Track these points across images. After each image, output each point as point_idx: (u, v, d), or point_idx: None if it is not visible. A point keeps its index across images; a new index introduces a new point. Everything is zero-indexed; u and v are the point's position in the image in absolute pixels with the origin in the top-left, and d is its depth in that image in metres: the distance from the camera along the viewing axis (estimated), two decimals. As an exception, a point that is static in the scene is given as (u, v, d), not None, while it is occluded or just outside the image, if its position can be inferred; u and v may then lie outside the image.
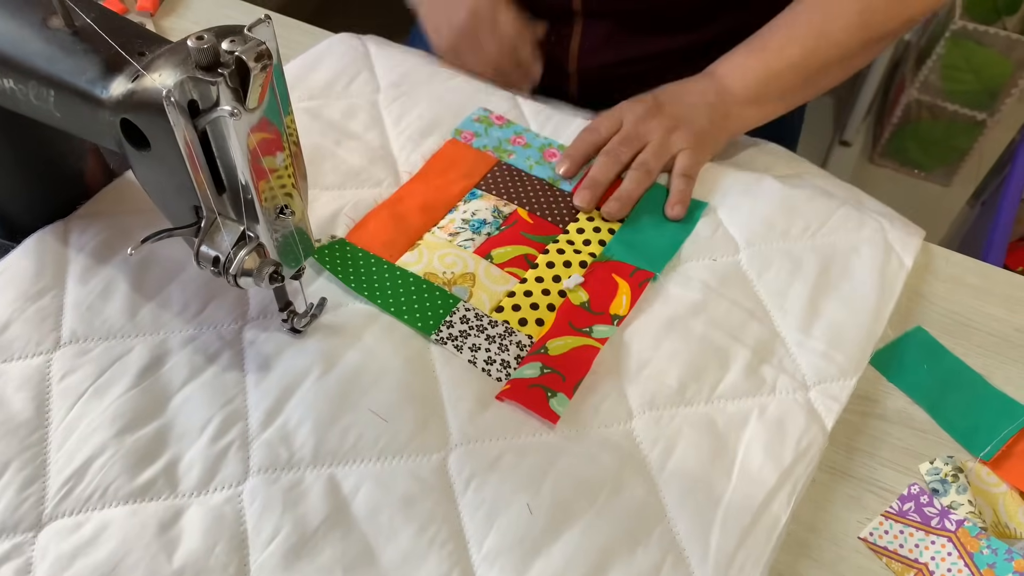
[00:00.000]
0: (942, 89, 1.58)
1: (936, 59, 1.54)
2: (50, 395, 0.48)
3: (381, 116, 0.67)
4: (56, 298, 0.53)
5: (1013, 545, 0.43)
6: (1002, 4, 1.54)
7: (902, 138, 1.69)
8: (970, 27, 1.48)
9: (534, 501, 0.45)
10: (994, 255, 0.77)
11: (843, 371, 0.51)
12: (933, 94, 1.59)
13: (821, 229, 0.58)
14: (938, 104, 1.60)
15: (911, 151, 1.69)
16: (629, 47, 0.76)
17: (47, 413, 0.48)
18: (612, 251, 0.58)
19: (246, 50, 0.36)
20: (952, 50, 1.52)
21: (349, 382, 0.49)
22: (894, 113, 1.65)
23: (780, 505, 0.45)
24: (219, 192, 0.41)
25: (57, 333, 0.51)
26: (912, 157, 1.71)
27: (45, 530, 0.43)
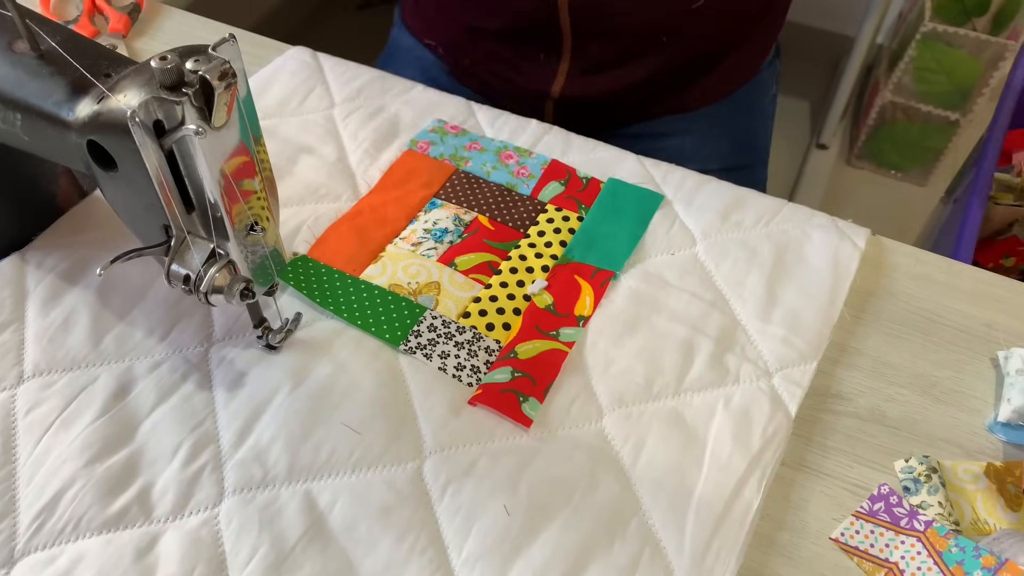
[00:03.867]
0: (915, 91, 1.61)
1: (908, 61, 1.57)
2: (16, 430, 0.48)
3: (337, 130, 0.67)
4: (17, 332, 0.52)
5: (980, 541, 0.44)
6: (971, 5, 1.59)
7: (878, 140, 1.72)
8: (940, 29, 1.52)
9: (511, 503, 0.45)
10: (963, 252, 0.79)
11: (803, 356, 0.52)
12: (907, 96, 1.62)
13: (774, 219, 0.60)
14: (912, 105, 1.63)
15: (887, 152, 1.73)
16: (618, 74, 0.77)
17: (14, 448, 0.47)
18: (573, 252, 0.59)
19: (210, 69, 0.37)
20: (923, 52, 1.56)
21: (319, 397, 0.49)
22: (869, 115, 1.69)
23: (751, 491, 0.46)
24: (188, 211, 0.41)
25: (20, 367, 0.50)
26: (888, 158, 1.74)
27: (18, 566, 0.43)
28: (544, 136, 0.67)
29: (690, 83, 0.78)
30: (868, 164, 1.77)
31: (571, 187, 0.63)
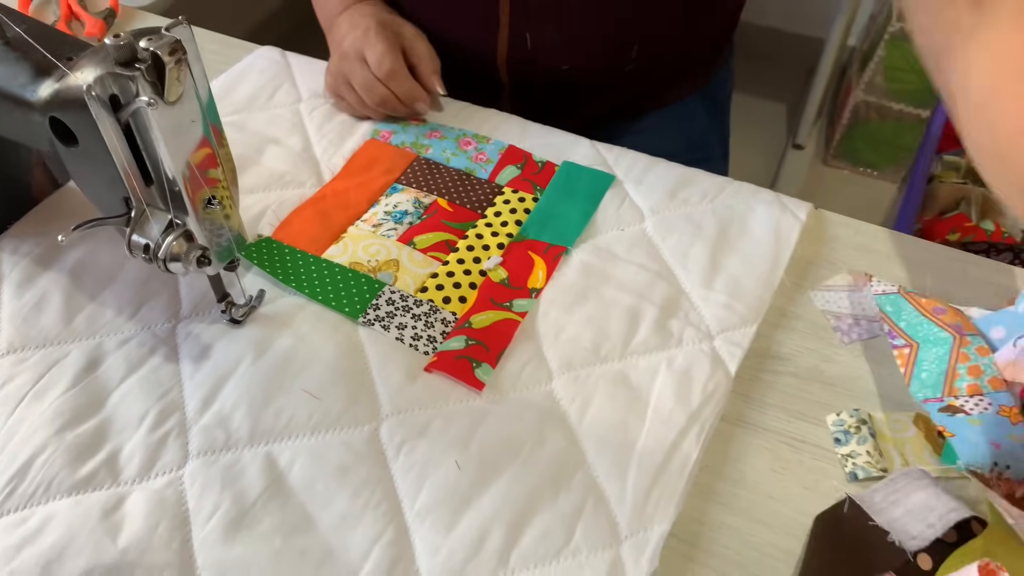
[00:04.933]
0: (886, 89, 1.65)
1: (878, 61, 1.61)
2: (-10, 403, 0.50)
3: (303, 123, 0.70)
4: (-9, 313, 0.54)
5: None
6: (940, 4, 1.63)
7: (853, 139, 1.75)
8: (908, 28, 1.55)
9: (462, 459, 0.48)
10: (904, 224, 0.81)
11: (744, 319, 0.55)
12: (879, 94, 1.66)
13: (719, 195, 0.63)
14: (884, 104, 1.66)
15: (862, 151, 1.76)
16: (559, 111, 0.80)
17: (-12, 420, 0.49)
18: (527, 231, 0.61)
19: (161, 45, 0.39)
20: (892, 51, 1.60)
21: (281, 366, 0.52)
22: (843, 115, 1.72)
23: (690, 444, 0.49)
24: (147, 184, 0.44)
25: (-6, 345, 0.53)
26: (863, 157, 1.77)
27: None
28: (502, 124, 0.70)
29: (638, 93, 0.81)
30: (844, 163, 1.80)
31: (527, 170, 0.66)
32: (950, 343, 0.50)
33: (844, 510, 0.44)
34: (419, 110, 0.70)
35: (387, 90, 0.67)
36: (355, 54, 0.68)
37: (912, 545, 0.41)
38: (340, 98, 0.70)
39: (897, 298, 0.54)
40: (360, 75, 0.67)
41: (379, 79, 0.67)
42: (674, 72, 0.81)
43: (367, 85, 0.67)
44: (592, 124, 0.83)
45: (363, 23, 0.68)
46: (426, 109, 0.70)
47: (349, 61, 0.68)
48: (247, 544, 0.44)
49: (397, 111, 0.69)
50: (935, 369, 0.49)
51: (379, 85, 0.67)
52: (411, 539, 0.45)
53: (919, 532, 0.41)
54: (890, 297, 0.54)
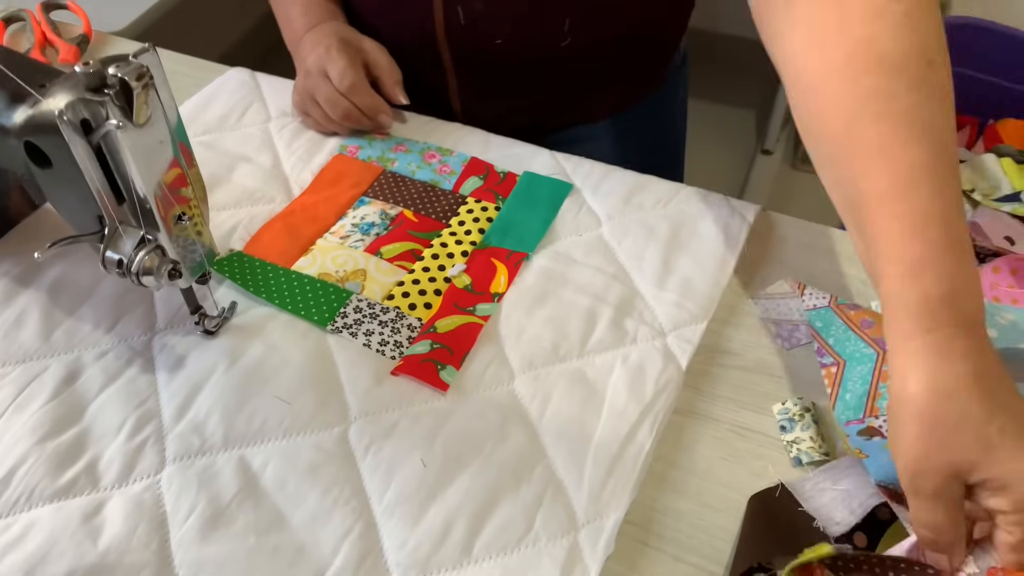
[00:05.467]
0: (851, 92, 1.69)
1: (842, 64, 1.65)
2: (-28, 418, 0.52)
3: (273, 141, 0.72)
4: (-28, 331, 0.56)
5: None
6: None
7: (820, 144, 1.79)
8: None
9: (428, 456, 0.50)
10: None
11: (694, 316, 0.57)
12: (845, 100, 1.70)
13: (672, 200, 0.66)
14: (850, 110, 1.71)
15: (829, 155, 1.80)
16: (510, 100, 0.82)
17: (-29, 434, 0.51)
18: (490, 238, 0.64)
19: (128, 71, 0.42)
20: (855, 54, 1.64)
21: (253, 374, 0.54)
22: (811, 121, 1.76)
23: (644, 435, 0.51)
24: (119, 202, 0.46)
25: (-25, 362, 0.55)
26: (830, 161, 1.81)
27: (-25, 535, 0.47)
28: (466, 137, 0.73)
29: (588, 99, 0.84)
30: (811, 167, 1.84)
31: (489, 181, 0.68)
32: (874, 360, 0.52)
33: (776, 495, 0.47)
34: (382, 122, 0.73)
35: (350, 104, 0.70)
36: (318, 71, 0.70)
37: (835, 530, 0.44)
38: (306, 115, 0.73)
39: (827, 312, 0.56)
40: (324, 91, 0.70)
41: (342, 94, 0.70)
42: (618, 62, 0.82)
43: (331, 100, 0.70)
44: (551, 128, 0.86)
45: (325, 41, 0.71)
46: (389, 121, 0.73)
47: (313, 78, 0.70)
48: (222, 543, 0.46)
49: (362, 124, 0.72)
50: (858, 389, 0.51)
51: (342, 99, 0.70)
52: (379, 534, 0.47)
53: (842, 518, 0.44)
54: (820, 312, 0.56)
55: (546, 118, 0.85)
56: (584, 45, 0.77)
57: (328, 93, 0.70)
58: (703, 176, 1.03)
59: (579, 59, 0.78)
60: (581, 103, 0.84)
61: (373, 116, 0.71)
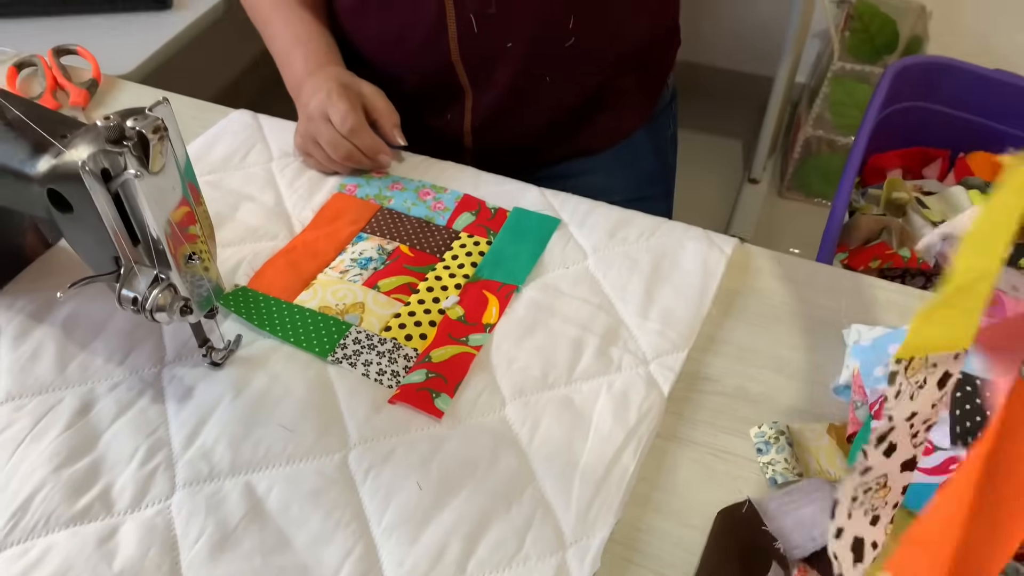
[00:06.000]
0: (833, 124, 1.75)
1: (824, 97, 1.71)
2: (-9, 448, 0.55)
3: (275, 180, 0.76)
4: (-10, 365, 0.59)
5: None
6: (880, 44, 1.74)
7: (805, 171, 1.84)
8: (848, 67, 1.66)
9: (423, 481, 0.53)
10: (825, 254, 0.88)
11: (676, 345, 0.61)
12: (826, 129, 1.75)
13: (654, 234, 0.69)
14: (832, 138, 1.76)
15: (814, 183, 1.84)
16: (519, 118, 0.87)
17: (-10, 463, 0.54)
18: (482, 271, 0.67)
19: (145, 125, 0.45)
20: (836, 88, 1.69)
21: (258, 403, 0.57)
22: (795, 149, 1.81)
23: (628, 458, 0.54)
24: (134, 243, 0.49)
25: (-6, 394, 0.58)
26: (816, 188, 1.85)
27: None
28: (458, 175, 0.77)
29: (586, 125, 0.88)
30: (798, 194, 1.89)
31: (481, 216, 0.72)
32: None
33: (743, 511, 0.50)
34: (382, 162, 0.76)
35: (351, 145, 0.74)
36: (320, 115, 0.74)
37: (795, 554, 0.47)
38: (309, 156, 0.76)
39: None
40: (326, 134, 0.74)
41: (344, 136, 0.73)
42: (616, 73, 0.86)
43: (333, 142, 0.74)
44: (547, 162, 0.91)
45: (326, 86, 0.75)
46: (388, 161, 0.77)
47: (315, 122, 0.74)
48: (230, 564, 0.49)
49: (362, 164, 0.76)
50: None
51: (344, 141, 0.74)
52: (378, 554, 0.50)
53: (802, 543, 0.47)
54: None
55: (548, 147, 0.89)
56: (586, 49, 0.81)
57: (330, 136, 0.73)
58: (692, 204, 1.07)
59: (581, 66, 0.83)
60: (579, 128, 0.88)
61: (373, 156, 0.75)
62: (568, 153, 0.91)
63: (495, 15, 0.77)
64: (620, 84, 0.88)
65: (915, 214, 0.95)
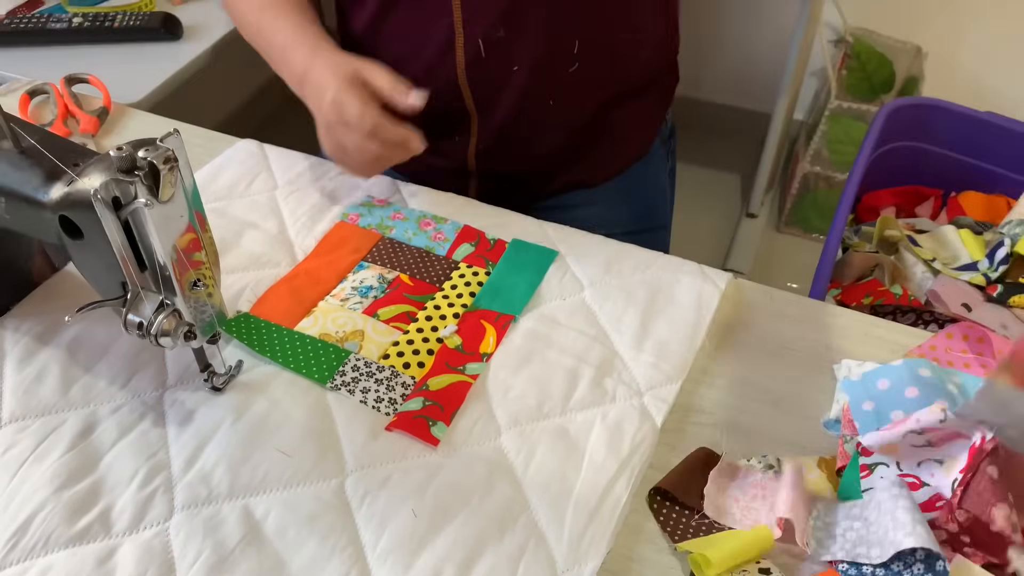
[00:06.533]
0: (830, 161, 1.77)
1: (821, 135, 1.73)
2: (-7, 468, 0.56)
3: (279, 208, 0.77)
4: (-5, 386, 0.60)
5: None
6: (877, 83, 1.77)
7: (803, 207, 1.86)
8: (845, 106, 1.70)
9: (418, 507, 0.54)
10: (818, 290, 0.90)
11: (670, 377, 0.62)
12: (824, 166, 1.78)
13: (649, 268, 0.70)
14: (829, 174, 1.78)
15: (812, 218, 1.86)
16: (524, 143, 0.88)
17: (-9, 483, 0.55)
18: (480, 302, 0.68)
19: (156, 155, 0.47)
20: (833, 126, 1.72)
21: (257, 428, 0.58)
22: (793, 184, 1.84)
23: (621, 488, 0.55)
24: (141, 269, 0.51)
25: (-2, 415, 0.59)
26: (814, 224, 1.87)
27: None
28: (459, 206, 0.78)
29: (587, 154, 0.90)
30: (796, 229, 1.91)
31: (480, 247, 0.73)
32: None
33: None
34: (415, 148, 0.72)
35: (379, 146, 0.71)
36: (337, 120, 0.71)
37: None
38: (344, 165, 0.75)
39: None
40: (351, 140, 0.72)
41: (367, 138, 0.71)
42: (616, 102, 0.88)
43: (360, 148, 0.72)
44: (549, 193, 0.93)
45: (329, 87, 0.72)
46: (420, 146, 0.73)
47: (336, 130, 0.72)
48: (226, 587, 0.50)
49: (396, 159, 0.74)
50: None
51: (370, 144, 0.71)
52: (373, 579, 0.51)
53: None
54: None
55: (550, 176, 0.91)
56: (589, 75, 0.82)
57: (355, 141, 0.71)
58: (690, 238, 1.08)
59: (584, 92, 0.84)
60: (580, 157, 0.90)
61: (405, 146, 0.73)
62: (569, 183, 0.93)
63: (503, 39, 0.78)
64: (620, 114, 0.90)
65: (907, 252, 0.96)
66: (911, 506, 0.49)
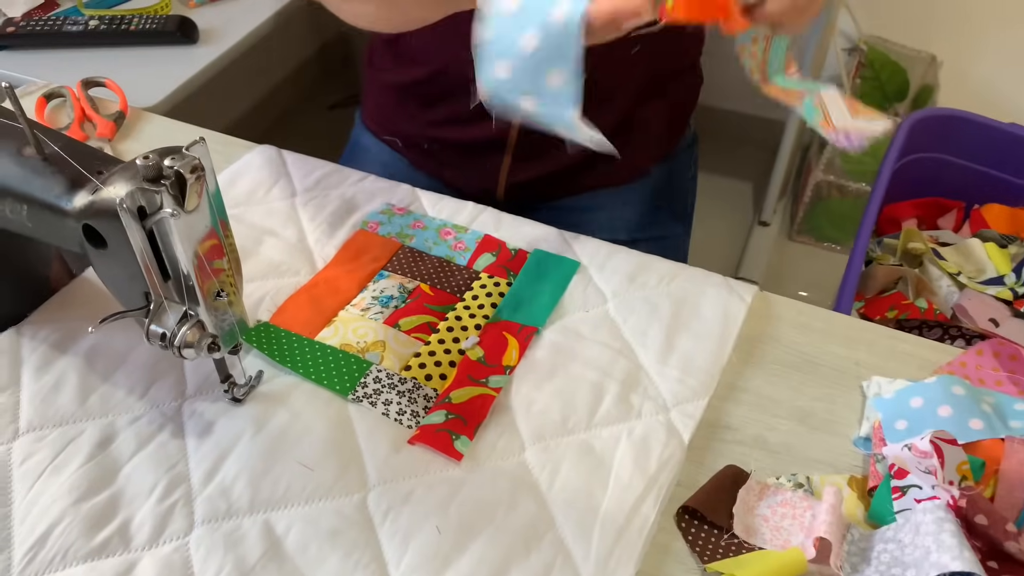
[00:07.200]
0: (844, 169, 1.76)
1: (835, 144, 1.72)
2: (11, 478, 0.55)
3: (298, 215, 0.77)
4: (13, 395, 0.60)
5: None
6: (891, 92, 1.76)
7: (815, 215, 1.85)
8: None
9: (442, 524, 0.53)
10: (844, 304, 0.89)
11: (696, 393, 0.61)
12: (837, 174, 1.76)
13: (674, 280, 0.70)
14: (843, 183, 1.77)
15: (824, 227, 1.85)
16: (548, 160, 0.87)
17: (9, 495, 0.54)
18: (502, 313, 0.68)
19: (183, 164, 0.46)
20: (848, 135, 1.71)
21: (278, 440, 0.57)
22: (805, 193, 1.82)
23: (648, 507, 0.54)
24: (165, 279, 0.50)
25: (15, 425, 0.58)
26: (826, 232, 1.86)
27: (12, 592, 0.49)
28: (479, 215, 0.77)
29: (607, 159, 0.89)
30: (808, 238, 1.90)
31: (502, 258, 0.72)
32: None
33: None
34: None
35: None
36: None
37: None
38: None
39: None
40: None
41: None
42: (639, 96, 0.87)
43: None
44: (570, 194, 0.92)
45: None
46: None
47: None
48: (247, 604, 0.49)
49: None
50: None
51: None
52: (396, 597, 0.50)
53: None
54: None
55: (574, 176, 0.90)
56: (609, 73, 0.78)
57: None
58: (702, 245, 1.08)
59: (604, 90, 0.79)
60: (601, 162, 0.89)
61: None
62: (592, 184, 0.92)
63: None
64: (641, 114, 0.89)
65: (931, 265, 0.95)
66: (956, 530, 0.47)
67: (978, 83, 1.80)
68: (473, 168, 0.91)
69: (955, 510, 0.49)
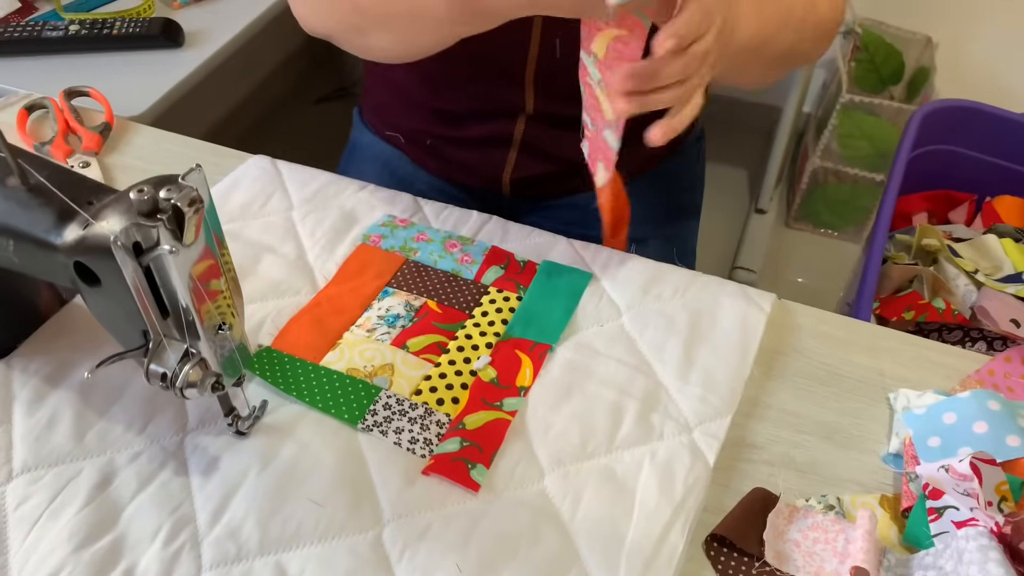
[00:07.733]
0: (840, 155, 1.74)
1: (832, 129, 1.70)
2: (6, 524, 0.52)
3: (296, 230, 0.74)
4: (4, 433, 0.57)
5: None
6: (886, 75, 1.74)
7: (812, 202, 1.83)
8: (857, 99, 1.65)
9: (462, 561, 0.51)
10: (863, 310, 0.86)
11: (718, 411, 0.59)
12: (834, 160, 1.75)
13: (689, 290, 0.67)
14: (840, 169, 1.75)
15: (822, 213, 1.84)
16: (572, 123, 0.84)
17: (5, 541, 0.51)
18: (513, 330, 0.65)
19: (181, 197, 0.43)
20: (844, 120, 1.69)
21: (286, 476, 0.54)
22: (802, 180, 1.80)
23: (676, 535, 0.52)
24: (163, 316, 0.47)
25: (8, 466, 0.55)
26: (823, 219, 1.85)
27: (13, 649, 0.47)
28: (484, 225, 0.75)
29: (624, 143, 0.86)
30: (805, 225, 1.88)
31: (510, 270, 0.70)
32: None
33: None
34: None
35: None
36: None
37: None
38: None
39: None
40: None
41: None
42: None
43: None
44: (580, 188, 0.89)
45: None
46: None
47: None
48: (262, 655, 0.47)
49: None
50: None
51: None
52: (418, 641, 0.47)
53: None
54: None
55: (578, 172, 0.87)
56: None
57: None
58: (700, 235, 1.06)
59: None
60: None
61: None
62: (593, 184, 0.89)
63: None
64: None
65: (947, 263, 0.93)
66: (1002, 559, 0.46)
67: (974, 65, 1.78)
68: (478, 164, 0.88)
69: (998, 536, 0.47)
